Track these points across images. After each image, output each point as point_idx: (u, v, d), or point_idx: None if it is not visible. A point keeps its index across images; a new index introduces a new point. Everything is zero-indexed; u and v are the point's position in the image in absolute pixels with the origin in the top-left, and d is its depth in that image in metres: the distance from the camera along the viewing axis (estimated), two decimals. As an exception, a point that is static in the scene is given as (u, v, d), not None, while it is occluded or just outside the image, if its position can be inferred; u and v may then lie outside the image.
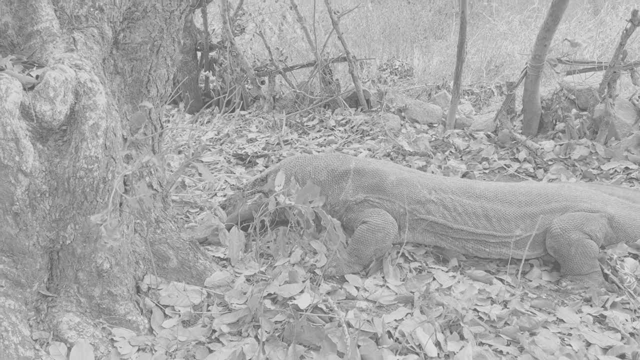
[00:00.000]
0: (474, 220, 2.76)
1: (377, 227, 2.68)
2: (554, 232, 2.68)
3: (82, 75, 1.94)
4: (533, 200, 2.80)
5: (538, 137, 4.91)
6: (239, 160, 4.96)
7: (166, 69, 2.52)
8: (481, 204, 2.79)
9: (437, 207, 2.77)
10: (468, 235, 2.76)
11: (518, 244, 2.74)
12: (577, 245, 2.62)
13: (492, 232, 2.75)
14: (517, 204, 2.79)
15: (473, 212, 2.77)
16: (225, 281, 2.43)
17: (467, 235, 2.76)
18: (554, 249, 2.69)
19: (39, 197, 1.88)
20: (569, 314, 2.37)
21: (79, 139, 1.89)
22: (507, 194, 2.82)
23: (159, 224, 2.41)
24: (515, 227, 2.75)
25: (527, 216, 2.77)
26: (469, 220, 2.76)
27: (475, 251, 2.80)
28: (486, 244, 2.77)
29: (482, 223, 2.76)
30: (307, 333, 2.07)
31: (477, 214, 2.77)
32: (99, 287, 2.04)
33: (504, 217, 2.76)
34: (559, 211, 2.77)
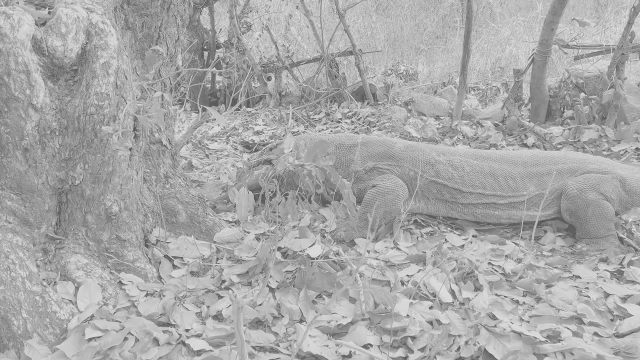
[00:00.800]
0: (482, 180, 2.73)
1: (386, 189, 2.65)
2: (570, 193, 2.63)
3: (94, 17, 1.94)
4: (539, 161, 2.79)
5: (546, 124, 4.88)
6: (246, 148, 4.95)
7: (176, 27, 2.52)
8: (488, 164, 2.79)
9: (445, 168, 2.75)
10: (477, 199, 2.72)
11: (528, 204, 2.70)
12: (594, 205, 2.57)
13: (500, 193, 2.72)
14: (523, 165, 2.78)
15: (480, 171, 2.75)
16: (235, 237, 2.39)
17: (475, 198, 2.72)
18: (570, 211, 2.63)
19: (49, 134, 1.86)
20: (585, 270, 2.32)
21: (90, 77, 1.88)
22: (514, 157, 2.83)
23: (167, 179, 2.39)
24: (522, 186, 2.72)
25: (534, 175, 2.74)
26: (476, 180, 2.73)
27: (484, 217, 2.75)
28: (495, 207, 2.73)
29: (490, 182, 2.73)
30: (318, 280, 2.03)
31: (484, 172, 2.75)
32: (108, 232, 2.01)
33: (510, 175, 2.74)
34: (567, 172, 2.74)
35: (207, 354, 1.66)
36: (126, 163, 2.00)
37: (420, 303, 1.95)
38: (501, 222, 2.77)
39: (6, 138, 1.79)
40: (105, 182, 1.95)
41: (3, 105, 1.75)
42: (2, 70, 1.71)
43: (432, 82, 7.17)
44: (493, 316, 1.89)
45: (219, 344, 1.73)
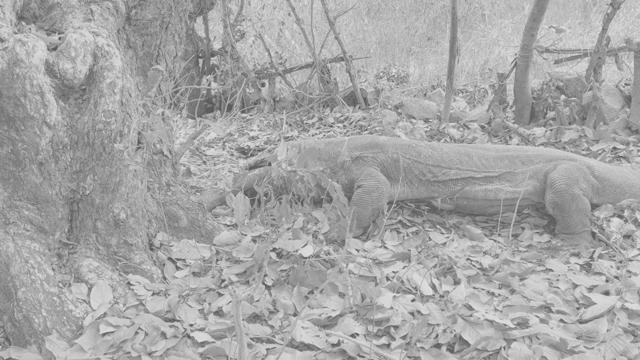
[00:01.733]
0: (459, 158, 2.98)
1: (371, 188, 2.86)
2: (558, 187, 2.80)
3: (100, 40, 2.12)
4: (509, 149, 3.10)
5: (530, 125, 5.08)
6: (242, 153, 5.13)
7: (174, 45, 2.71)
8: (464, 148, 3.08)
9: (425, 150, 3.02)
10: (455, 175, 2.94)
11: (501, 181, 2.94)
12: (578, 200, 2.76)
13: (475, 169, 2.96)
14: (494, 150, 3.07)
15: (457, 151, 3.02)
16: (233, 240, 2.57)
17: (454, 174, 2.94)
18: (556, 204, 2.80)
19: (61, 149, 2.04)
20: (557, 264, 2.51)
21: (98, 96, 2.06)
22: (485, 145, 3.16)
23: (169, 187, 2.57)
24: (495, 165, 2.97)
25: (504, 158, 3.01)
26: (454, 157, 2.98)
27: (463, 194, 2.95)
28: (473, 181, 2.94)
29: (466, 160, 2.98)
30: (310, 277, 2.22)
31: (460, 152, 3.02)
32: (116, 237, 2.19)
33: (484, 156, 3.01)
34: (536, 157, 3.00)
35: (210, 345, 1.84)
36: (132, 173, 2.18)
37: (403, 296, 2.14)
38: (477, 197, 2.96)
39: (23, 153, 1.96)
40: (113, 191, 2.13)
41: (20, 124, 1.93)
42: (18, 92, 1.89)
43: (422, 85, 7.37)
44: (469, 307, 2.08)
45: (220, 336, 1.91)
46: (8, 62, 1.86)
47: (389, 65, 9.99)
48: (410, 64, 10.40)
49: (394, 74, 9.42)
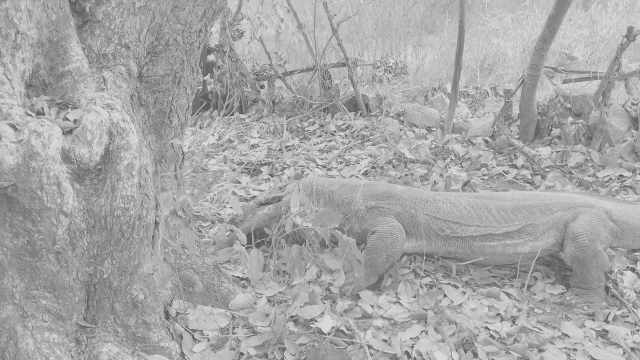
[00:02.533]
0: (478, 213, 2.93)
1: (384, 234, 2.83)
2: (581, 242, 2.75)
3: (115, 116, 2.03)
4: (526, 197, 3.03)
5: (534, 142, 5.05)
6: (244, 168, 5.05)
7: (186, 97, 2.61)
8: (481, 200, 3.01)
9: (443, 205, 2.96)
10: (475, 231, 2.90)
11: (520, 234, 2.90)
12: (598, 256, 2.74)
13: (494, 224, 2.91)
14: (512, 200, 3.00)
15: (475, 206, 2.96)
16: (248, 303, 2.54)
17: (474, 230, 2.90)
18: (577, 258, 2.76)
19: (78, 235, 1.97)
20: (573, 328, 2.52)
21: (115, 179, 1.98)
22: (502, 195, 3.08)
23: (184, 249, 2.51)
24: (514, 217, 2.92)
25: (523, 208, 2.95)
26: (473, 213, 2.93)
27: (481, 249, 2.92)
28: (491, 238, 2.91)
29: (485, 215, 2.93)
30: (330, 356, 2.20)
31: (479, 207, 2.96)
32: (134, 317, 2.14)
33: (502, 208, 2.94)
34: (555, 205, 2.94)
35: None
36: (150, 254, 2.13)
37: (426, 378, 2.14)
38: (496, 253, 2.94)
39: (40, 244, 1.89)
40: (131, 274, 2.08)
41: (36, 215, 1.86)
42: (35, 185, 1.81)
43: (423, 86, 7.26)
44: (491, 390, 2.09)
45: None
46: (24, 155, 1.77)
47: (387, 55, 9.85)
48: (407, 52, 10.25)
49: (391, 65, 9.30)
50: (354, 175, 4.73)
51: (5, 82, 1.93)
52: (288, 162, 5.02)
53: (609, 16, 9.94)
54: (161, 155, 2.53)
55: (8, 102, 1.90)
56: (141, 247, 2.08)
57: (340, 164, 5.06)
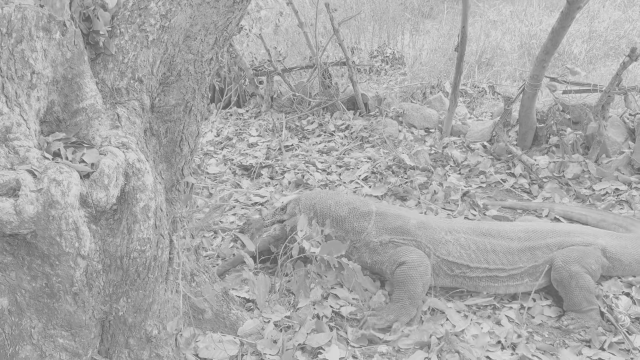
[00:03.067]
0: (486, 257, 3.00)
1: (415, 262, 2.83)
2: (557, 264, 2.95)
3: (130, 156, 2.04)
4: (531, 236, 3.09)
5: (532, 149, 5.11)
6: (244, 170, 5.07)
7: (196, 125, 2.62)
8: (489, 240, 3.04)
9: (455, 247, 2.99)
10: (482, 273, 2.98)
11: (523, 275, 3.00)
12: (577, 277, 2.88)
13: (501, 267, 2.99)
14: (517, 240, 3.07)
15: (484, 249, 3.02)
16: (256, 329, 2.60)
17: (482, 272, 2.98)
18: (557, 281, 2.95)
19: (95, 275, 2.00)
20: (570, 356, 2.61)
21: (131, 221, 2.00)
22: (509, 232, 3.09)
23: (193, 277, 2.55)
24: (519, 259, 3.00)
25: (527, 249, 3.04)
26: (482, 257, 2.99)
27: (485, 289, 3.01)
28: (496, 279, 3.00)
29: (492, 258, 3.00)
30: (339, 388, 2.27)
31: (487, 250, 3.02)
32: (147, 351, 2.19)
33: (508, 251, 3.02)
34: (555, 245, 3.05)
35: None
36: (164, 290, 2.16)
37: (430, 412, 2.22)
38: (499, 292, 3.04)
39: (57, 286, 1.92)
40: (146, 311, 2.12)
41: (55, 260, 1.88)
42: (54, 232, 1.83)
43: (422, 82, 7.27)
44: None
45: None
46: (43, 204, 1.79)
47: (384, 45, 9.80)
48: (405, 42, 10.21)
49: (389, 55, 9.26)
50: (353, 180, 4.78)
51: (22, 124, 1.94)
52: (288, 166, 5.05)
53: (606, 10, 9.94)
54: (172, 183, 2.55)
55: (25, 144, 1.90)
56: (156, 286, 2.12)
57: (339, 167, 5.09)
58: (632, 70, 7.06)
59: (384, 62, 9.22)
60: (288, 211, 3.22)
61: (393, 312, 2.80)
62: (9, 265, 1.87)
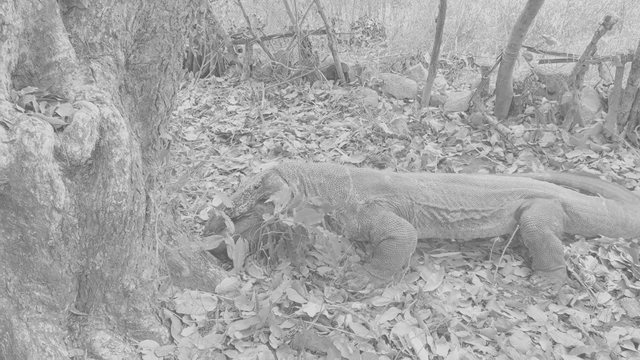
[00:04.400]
0: (459, 199, 3.12)
1: (405, 240, 2.85)
2: (529, 227, 3.03)
3: (105, 111, 2.03)
4: (496, 184, 3.25)
5: (508, 119, 5.18)
6: (223, 138, 5.05)
7: (172, 84, 2.60)
8: (458, 185, 3.18)
9: (431, 192, 3.09)
10: (460, 216, 3.09)
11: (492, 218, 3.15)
12: (547, 239, 2.99)
13: (474, 208, 3.11)
14: (484, 186, 3.22)
15: (455, 192, 3.14)
16: (234, 287, 2.64)
17: (459, 215, 3.09)
18: (529, 242, 3.05)
19: (70, 229, 2.01)
20: (537, 312, 2.71)
21: (107, 175, 2.01)
22: (475, 180, 3.25)
23: (170, 235, 2.57)
24: (486, 203, 3.15)
25: (493, 195, 3.19)
26: (455, 200, 3.11)
27: (464, 234, 3.13)
28: (473, 223, 3.12)
29: (464, 200, 3.13)
30: (314, 340, 2.33)
31: (458, 193, 3.14)
32: (125, 305, 2.21)
33: (477, 195, 3.16)
34: (518, 193, 3.21)
35: None
36: (141, 245, 2.18)
37: (402, 363, 2.29)
38: (474, 237, 3.16)
39: (33, 240, 1.93)
40: (122, 265, 2.14)
41: (29, 212, 1.88)
42: (28, 184, 1.82)
43: (402, 54, 7.26)
44: (462, 374, 2.26)
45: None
46: (16, 155, 1.78)
47: (365, 16, 9.74)
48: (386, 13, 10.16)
49: (369, 26, 9.22)
50: (332, 149, 4.80)
51: (-8, 76, 1.91)
52: (267, 134, 5.04)
53: None
54: (148, 142, 2.54)
55: (-4, 96, 1.88)
56: (132, 240, 2.13)
57: (319, 136, 5.10)
58: (608, 43, 7.16)
59: (365, 33, 9.18)
60: (270, 184, 3.01)
61: (369, 276, 2.87)
62: (-17, 217, 1.87)
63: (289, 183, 2.94)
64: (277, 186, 2.91)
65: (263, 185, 2.97)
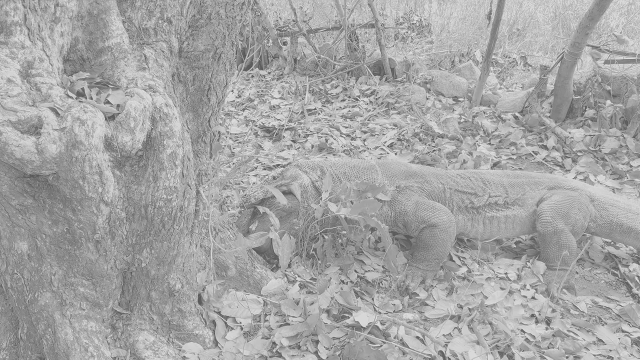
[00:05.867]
0: (484, 186, 3.03)
1: (446, 224, 2.75)
2: (543, 218, 2.90)
3: (158, 100, 1.92)
4: (519, 176, 3.17)
5: (566, 122, 4.90)
6: (266, 132, 4.93)
7: (225, 74, 2.48)
8: (480, 176, 3.10)
9: (459, 179, 3.02)
10: (485, 201, 2.97)
11: (514, 205, 3.03)
12: (559, 234, 2.85)
13: (498, 194, 3.01)
14: (507, 177, 3.14)
15: (481, 179, 3.06)
16: (280, 289, 2.50)
17: (484, 201, 2.96)
18: (540, 233, 2.92)
19: (118, 223, 1.90)
20: (608, 334, 2.48)
21: (158, 168, 1.89)
22: (498, 173, 3.18)
23: (218, 232, 2.45)
24: (511, 191, 3.05)
25: (516, 184, 3.09)
26: (482, 185, 3.02)
27: (491, 220, 2.99)
28: (497, 208, 3.00)
29: (490, 188, 3.03)
30: (366, 353, 2.17)
31: (484, 180, 3.06)
32: (169, 305, 2.11)
33: (500, 183, 3.06)
34: (542, 184, 3.09)
35: None
36: (189, 243, 2.06)
37: (462, 383, 2.11)
38: (500, 224, 3.01)
39: (79, 233, 1.83)
40: (169, 263, 2.02)
41: (77, 204, 1.78)
42: (77, 175, 1.72)
43: (450, 50, 7.01)
44: (527, 399, 2.07)
45: None
46: (66, 144, 1.67)
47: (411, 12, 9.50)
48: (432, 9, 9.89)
49: (415, 22, 8.98)
50: (378, 147, 4.62)
51: (44, 59, 1.81)
52: (311, 129, 4.90)
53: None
54: (198, 134, 2.42)
55: (47, 81, 1.79)
56: (181, 237, 2.02)
57: (364, 133, 4.93)
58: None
59: (410, 29, 8.95)
60: (289, 175, 2.89)
61: (421, 271, 2.77)
62: (30, 207, 1.78)
63: (308, 174, 2.84)
64: (295, 176, 2.83)
65: (282, 177, 2.91)
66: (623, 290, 2.88)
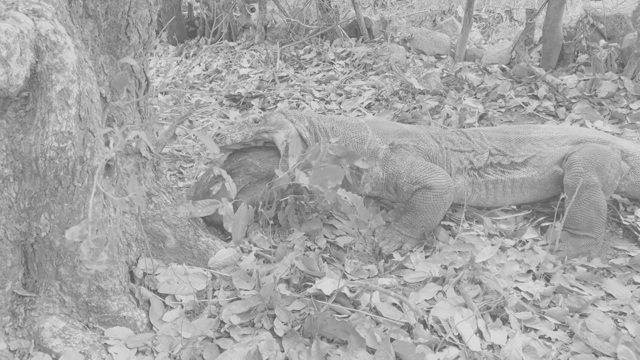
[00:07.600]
0: (484, 143, 2.62)
1: (442, 189, 2.34)
2: (574, 169, 2.43)
3: (43, 26, 1.52)
4: (531, 130, 2.71)
5: (558, 70, 4.51)
6: (232, 101, 4.53)
7: (148, 8, 2.07)
8: (482, 132, 2.70)
9: (455, 136, 2.64)
10: (486, 160, 2.57)
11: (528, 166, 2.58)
12: (591, 190, 2.37)
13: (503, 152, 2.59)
14: (514, 133, 2.69)
15: (480, 136, 2.65)
16: (232, 260, 2.13)
17: (485, 159, 2.57)
18: (569, 186, 2.43)
19: (2, 182, 1.51)
20: (618, 287, 2.12)
21: (46, 110, 1.50)
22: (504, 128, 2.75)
23: (151, 197, 2.06)
24: (517, 148, 2.61)
25: (527, 140, 2.64)
26: (480, 141, 2.62)
27: (494, 184, 2.58)
28: (502, 171, 2.58)
29: (492, 145, 2.62)
30: (330, 325, 1.80)
31: (484, 137, 2.65)
32: (86, 283, 1.72)
33: (505, 139, 2.64)
34: (563, 138, 2.63)
35: None
36: (102, 205, 1.68)
37: (447, 354, 1.74)
38: (506, 190, 2.60)
39: (-53, 196, 1.44)
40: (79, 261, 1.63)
41: (-63, 159, 1.39)
42: None
43: (431, 9, 6.60)
44: (527, 367, 1.71)
45: None
46: None
47: (390, -22, 9.07)
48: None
49: (394, -11, 8.56)
50: (355, 108, 4.23)
51: None
52: (282, 95, 4.50)
53: None
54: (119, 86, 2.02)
55: None
56: (87, 197, 1.63)
57: (339, 96, 4.53)
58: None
59: (390, -3, 8.52)
60: (273, 121, 2.47)
61: (401, 236, 2.39)
62: None
63: (295, 124, 2.43)
64: (281, 124, 2.42)
65: (264, 121, 2.46)
66: (630, 239, 2.51)
